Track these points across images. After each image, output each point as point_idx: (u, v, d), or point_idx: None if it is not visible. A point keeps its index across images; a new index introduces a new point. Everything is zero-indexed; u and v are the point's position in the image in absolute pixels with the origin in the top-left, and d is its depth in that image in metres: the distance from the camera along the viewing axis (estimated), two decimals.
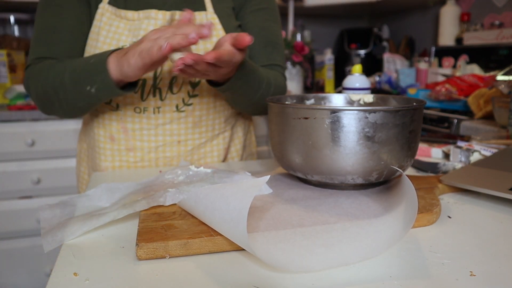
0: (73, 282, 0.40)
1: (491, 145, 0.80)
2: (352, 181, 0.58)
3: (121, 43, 0.80)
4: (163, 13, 0.81)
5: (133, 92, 0.78)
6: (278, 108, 0.60)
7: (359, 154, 0.55)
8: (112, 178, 0.75)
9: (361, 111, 0.54)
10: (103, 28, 0.80)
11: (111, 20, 0.81)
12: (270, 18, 0.93)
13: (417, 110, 0.58)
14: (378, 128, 0.54)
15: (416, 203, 0.44)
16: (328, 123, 0.54)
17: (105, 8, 0.81)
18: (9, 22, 2.09)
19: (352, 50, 2.32)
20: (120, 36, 0.80)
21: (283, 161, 0.63)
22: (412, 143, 0.59)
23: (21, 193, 1.68)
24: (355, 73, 0.95)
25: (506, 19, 1.81)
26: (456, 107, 1.42)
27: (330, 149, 0.55)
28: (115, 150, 0.86)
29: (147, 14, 0.81)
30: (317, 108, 0.55)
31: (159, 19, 0.81)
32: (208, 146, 0.90)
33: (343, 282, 0.39)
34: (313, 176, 0.59)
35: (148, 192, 0.58)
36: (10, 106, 1.69)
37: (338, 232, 0.46)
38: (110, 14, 0.81)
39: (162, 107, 0.83)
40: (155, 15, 0.81)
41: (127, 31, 0.81)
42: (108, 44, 0.80)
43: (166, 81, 0.82)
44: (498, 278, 0.39)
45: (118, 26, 0.81)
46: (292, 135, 0.58)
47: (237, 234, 0.41)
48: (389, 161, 0.56)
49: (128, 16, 0.81)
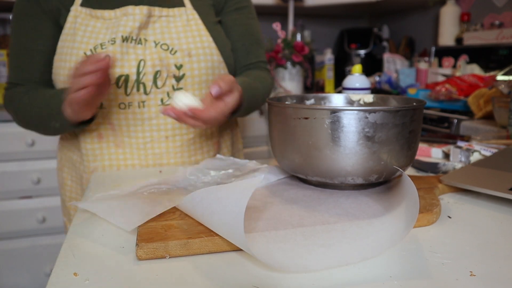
0: (73, 282, 0.40)
1: (491, 145, 0.80)
2: (352, 181, 0.58)
3: (99, 41, 0.80)
4: (140, 8, 0.81)
5: (117, 88, 0.82)
6: (278, 108, 0.60)
7: (359, 154, 0.55)
8: (112, 178, 0.75)
9: (361, 111, 0.54)
10: (79, 29, 0.81)
11: (86, 20, 0.81)
12: (250, 16, 0.96)
13: (417, 110, 0.58)
14: (378, 128, 0.54)
15: (418, 202, 0.44)
16: (328, 123, 0.54)
17: (78, 10, 0.82)
18: (9, 22, 2.09)
19: (352, 50, 2.31)
20: (98, 35, 0.81)
21: (283, 162, 0.63)
22: (412, 143, 0.59)
23: (21, 193, 1.68)
24: (355, 73, 0.95)
25: (506, 19, 1.81)
26: (456, 107, 1.42)
27: (330, 149, 0.55)
28: (103, 148, 0.85)
29: (124, 11, 0.81)
30: (317, 108, 0.55)
31: (137, 14, 0.81)
32: (198, 142, 0.90)
33: (343, 282, 0.39)
34: (313, 176, 0.59)
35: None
36: None
37: (338, 232, 0.46)
38: (84, 16, 0.82)
39: (147, 101, 0.83)
40: (133, 11, 0.81)
41: (105, 29, 0.81)
42: (85, 43, 0.80)
43: (150, 75, 0.82)
44: (498, 278, 0.39)
45: (95, 26, 0.81)
46: (292, 135, 0.58)
47: (235, 236, 0.41)
48: (389, 161, 0.56)
49: (105, 16, 0.82)
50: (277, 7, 2.28)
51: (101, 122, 0.84)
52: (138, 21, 0.80)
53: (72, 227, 0.53)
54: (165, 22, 0.84)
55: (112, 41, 0.80)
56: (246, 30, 0.94)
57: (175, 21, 0.84)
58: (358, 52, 2.30)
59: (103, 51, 0.79)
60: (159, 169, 0.81)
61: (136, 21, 0.80)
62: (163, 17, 0.84)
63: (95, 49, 0.79)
